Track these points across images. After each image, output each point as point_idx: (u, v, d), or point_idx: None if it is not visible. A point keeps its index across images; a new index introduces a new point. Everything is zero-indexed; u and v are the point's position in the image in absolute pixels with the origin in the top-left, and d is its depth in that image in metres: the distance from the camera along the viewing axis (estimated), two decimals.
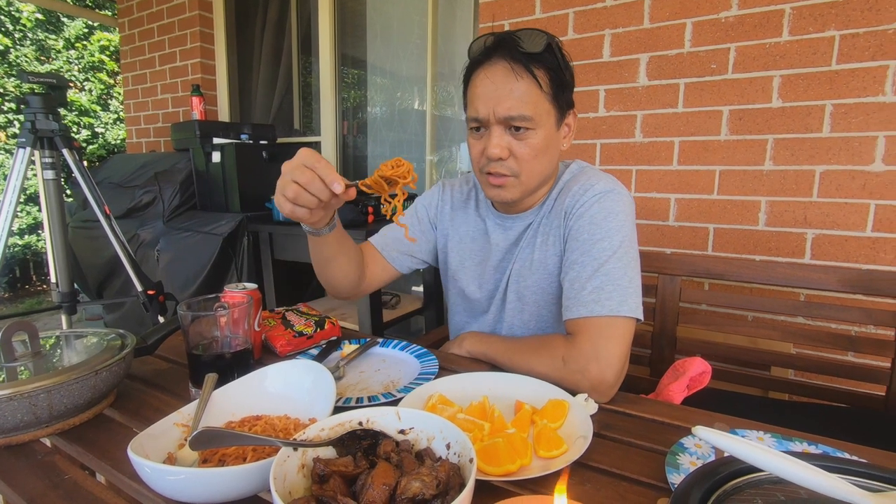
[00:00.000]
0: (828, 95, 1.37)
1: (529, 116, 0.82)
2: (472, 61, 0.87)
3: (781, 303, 1.24)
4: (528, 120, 0.82)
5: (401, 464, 0.49)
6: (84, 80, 5.38)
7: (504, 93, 0.81)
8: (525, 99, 0.81)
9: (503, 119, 0.82)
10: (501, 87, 0.82)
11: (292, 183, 0.67)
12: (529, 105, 0.82)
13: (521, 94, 0.81)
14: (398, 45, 2.57)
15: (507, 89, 0.81)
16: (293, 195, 0.67)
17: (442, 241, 1.08)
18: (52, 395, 0.63)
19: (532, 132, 0.83)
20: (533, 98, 0.82)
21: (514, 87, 0.81)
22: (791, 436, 0.62)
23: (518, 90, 0.81)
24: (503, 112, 0.82)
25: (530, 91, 0.81)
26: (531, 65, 0.81)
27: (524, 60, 0.81)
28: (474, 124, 0.87)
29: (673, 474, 0.54)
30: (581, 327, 0.79)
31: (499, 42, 0.83)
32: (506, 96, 0.81)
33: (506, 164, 0.85)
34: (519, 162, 0.85)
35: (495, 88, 0.82)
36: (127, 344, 0.76)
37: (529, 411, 0.66)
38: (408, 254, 1.07)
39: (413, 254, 1.08)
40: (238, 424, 0.62)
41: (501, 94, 0.81)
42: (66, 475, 0.57)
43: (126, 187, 2.43)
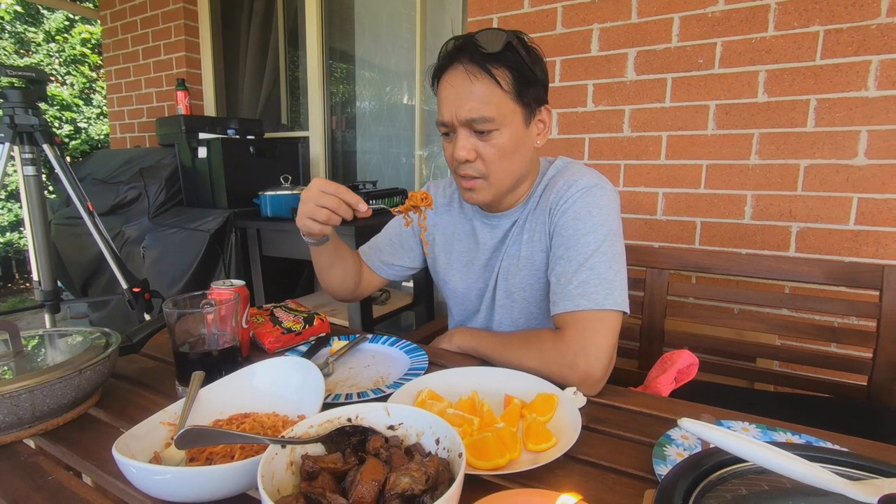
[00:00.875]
0: (812, 90, 1.39)
1: (491, 118, 0.81)
2: (437, 66, 0.88)
3: (767, 295, 1.25)
4: (491, 121, 0.82)
5: (390, 459, 0.49)
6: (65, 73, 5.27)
7: (464, 96, 0.82)
8: (485, 100, 0.81)
9: (465, 122, 0.83)
10: (461, 91, 0.82)
11: (321, 209, 0.80)
12: (490, 106, 0.81)
13: (480, 96, 0.81)
14: (387, 39, 2.55)
15: (466, 92, 0.81)
16: (325, 219, 0.80)
17: (432, 242, 1.08)
18: (35, 396, 0.62)
19: (497, 133, 0.83)
20: (494, 99, 0.81)
21: (473, 89, 0.81)
22: (775, 426, 0.63)
23: (477, 92, 0.81)
24: (465, 115, 0.82)
25: (490, 92, 0.81)
26: (490, 65, 0.81)
27: (482, 61, 0.81)
28: (443, 129, 0.87)
29: (660, 465, 0.55)
30: (568, 321, 0.79)
31: (459, 46, 0.83)
32: (466, 99, 0.81)
33: (473, 166, 0.86)
34: (486, 163, 0.85)
35: (456, 92, 0.82)
36: (112, 342, 0.75)
37: (518, 405, 0.67)
38: (389, 263, 1.09)
39: (395, 263, 1.09)
40: (226, 422, 0.62)
41: (462, 98, 0.82)
42: (50, 476, 0.56)
43: (110, 183, 2.39)
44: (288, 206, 1.93)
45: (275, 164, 2.31)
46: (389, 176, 2.61)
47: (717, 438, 0.36)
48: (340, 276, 1.02)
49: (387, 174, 2.62)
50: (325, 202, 0.79)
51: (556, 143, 1.80)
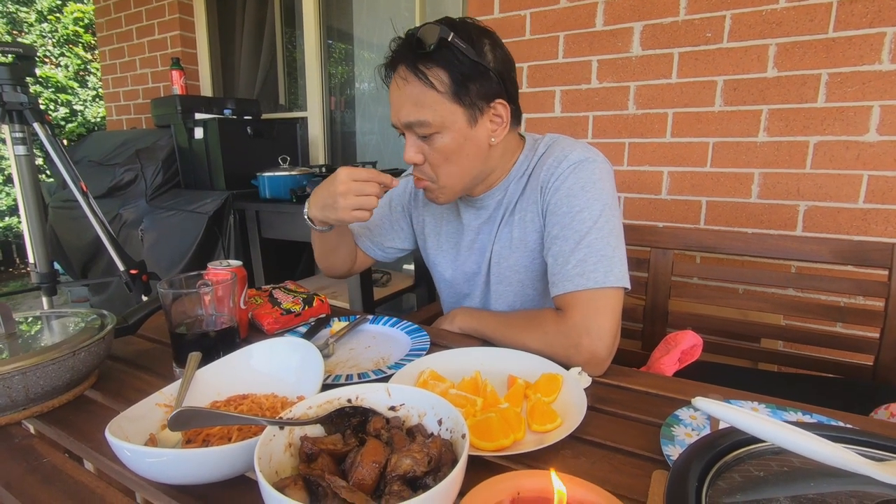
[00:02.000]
0: (824, 64, 1.35)
1: (427, 121, 0.78)
2: (384, 66, 0.85)
3: (772, 275, 1.24)
4: (427, 125, 0.79)
5: (391, 441, 0.48)
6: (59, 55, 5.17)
7: (401, 101, 0.80)
8: (420, 104, 0.78)
9: (406, 126, 0.81)
10: (398, 95, 0.80)
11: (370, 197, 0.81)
12: (425, 109, 0.78)
13: (414, 100, 0.78)
14: (385, 18, 2.48)
15: (402, 97, 0.79)
16: (367, 205, 0.82)
17: (419, 226, 1.06)
18: (28, 377, 0.60)
19: (438, 136, 0.80)
20: (428, 101, 0.78)
21: (406, 93, 0.79)
22: (785, 405, 0.62)
23: (411, 96, 0.78)
24: (403, 119, 0.81)
25: (423, 95, 0.77)
26: (424, 65, 0.77)
27: (415, 63, 0.77)
28: (398, 131, 0.86)
29: (668, 446, 0.53)
30: (569, 302, 0.77)
31: (398, 47, 0.81)
32: (403, 103, 0.80)
33: (421, 170, 0.85)
34: (433, 167, 0.84)
35: (396, 96, 0.81)
36: (107, 324, 0.73)
37: (522, 386, 0.65)
38: (380, 245, 1.08)
39: (386, 244, 1.08)
40: (223, 404, 0.61)
41: (400, 103, 0.80)
42: (45, 458, 0.55)
43: (106, 165, 2.36)
44: (287, 187, 1.90)
45: (273, 145, 2.28)
46: (389, 156, 2.57)
47: (733, 417, 0.34)
48: (342, 258, 1.03)
49: (386, 155, 2.59)
50: (369, 189, 0.80)
51: (558, 122, 1.76)
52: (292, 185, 1.89)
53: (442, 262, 1.02)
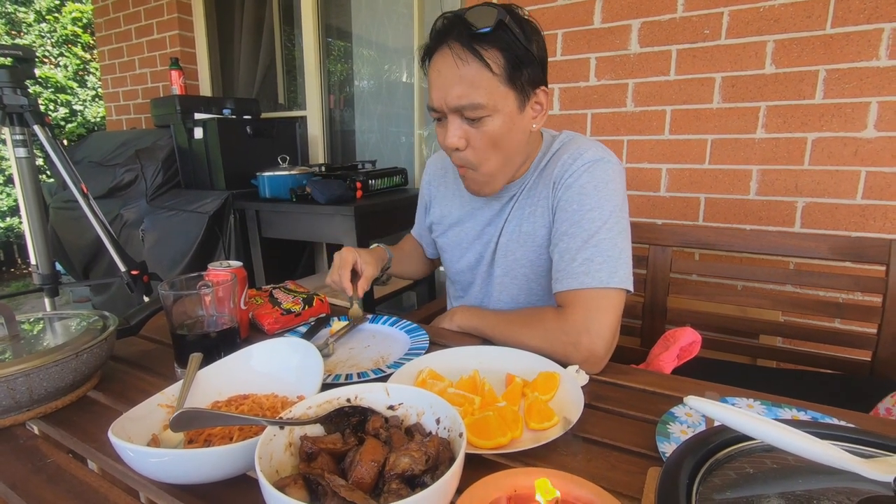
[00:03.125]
0: (822, 60, 1.35)
1: (481, 104, 0.77)
2: (427, 48, 0.82)
3: (771, 271, 1.24)
4: (481, 108, 0.77)
5: (390, 440, 0.48)
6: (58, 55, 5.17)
7: (452, 81, 0.77)
8: (475, 85, 0.76)
9: (454, 109, 0.79)
10: (449, 76, 0.77)
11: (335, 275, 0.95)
12: (480, 91, 0.76)
13: (470, 81, 0.76)
14: (384, 15, 2.48)
15: (455, 77, 0.76)
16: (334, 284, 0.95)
17: (431, 217, 1.09)
18: (32, 379, 0.61)
19: (488, 119, 0.78)
20: (483, 83, 0.76)
21: (461, 74, 0.76)
22: (780, 402, 0.62)
23: (466, 77, 0.76)
24: (453, 101, 0.78)
25: (479, 76, 0.76)
26: (480, 46, 0.75)
27: (471, 43, 0.75)
28: (434, 114, 0.83)
29: (663, 443, 0.54)
30: (571, 299, 0.78)
31: (447, 25, 0.78)
32: (454, 84, 0.77)
33: (463, 156, 0.83)
34: (475, 152, 0.82)
35: (445, 76, 0.78)
36: (109, 325, 0.74)
37: (520, 384, 0.66)
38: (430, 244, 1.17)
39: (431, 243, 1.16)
40: (225, 404, 0.61)
41: (450, 83, 0.77)
42: (49, 459, 0.55)
43: (107, 166, 2.37)
44: (286, 186, 1.91)
45: (273, 145, 2.28)
46: (389, 155, 2.58)
47: (723, 416, 0.35)
48: (412, 275, 1.20)
49: (386, 153, 2.59)
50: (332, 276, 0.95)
51: (557, 119, 1.76)
52: (292, 184, 1.90)
53: (448, 249, 1.05)
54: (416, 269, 1.20)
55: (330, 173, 1.98)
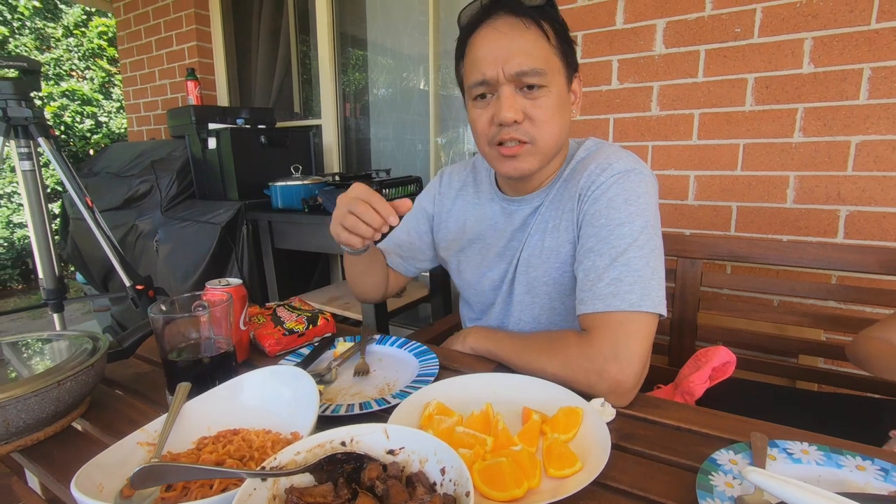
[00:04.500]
0: (866, 58, 1.25)
1: (543, 70, 0.73)
2: (467, 25, 0.78)
3: (811, 286, 1.15)
4: (542, 75, 0.73)
5: (387, 494, 0.42)
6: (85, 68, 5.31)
7: (514, 47, 0.73)
8: (536, 53, 0.73)
9: (514, 76, 0.73)
10: (510, 41, 0.73)
11: (350, 214, 0.73)
12: (541, 59, 0.73)
13: (531, 48, 0.73)
14: (399, 22, 2.45)
15: (516, 43, 0.73)
16: (351, 225, 0.74)
17: (442, 233, 1.00)
18: (8, 411, 0.57)
19: (546, 90, 0.74)
20: (544, 52, 0.74)
21: (524, 39, 0.73)
22: (840, 448, 0.54)
23: (528, 43, 0.73)
24: (514, 68, 0.73)
25: (540, 44, 0.73)
26: (537, 16, 0.73)
27: (529, 12, 0.73)
28: (479, 90, 0.77)
29: (706, 499, 0.46)
30: (597, 323, 0.70)
31: (494, 2, 0.75)
32: (516, 51, 0.72)
33: (521, 129, 0.76)
34: (535, 124, 0.76)
35: (502, 44, 0.73)
36: (99, 348, 0.69)
37: (538, 422, 0.59)
38: (410, 258, 1.04)
39: (415, 257, 1.04)
40: (212, 441, 0.56)
41: (511, 49, 0.73)
42: (20, 502, 0.51)
43: (123, 177, 2.38)
44: (298, 196, 1.87)
45: (287, 154, 2.26)
46: (404, 163, 2.53)
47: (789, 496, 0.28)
48: (373, 282, 0.99)
49: (402, 162, 2.54)
50: (355, 208, 0.72)
51: (577, 125, 1.69)
52: (304, 194, 1.86)
53: (466, 269, 0.96)
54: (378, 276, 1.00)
55: (343, 182, 1.94)
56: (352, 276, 0.99)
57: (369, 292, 1.02)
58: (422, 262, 1.05)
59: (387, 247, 1.04)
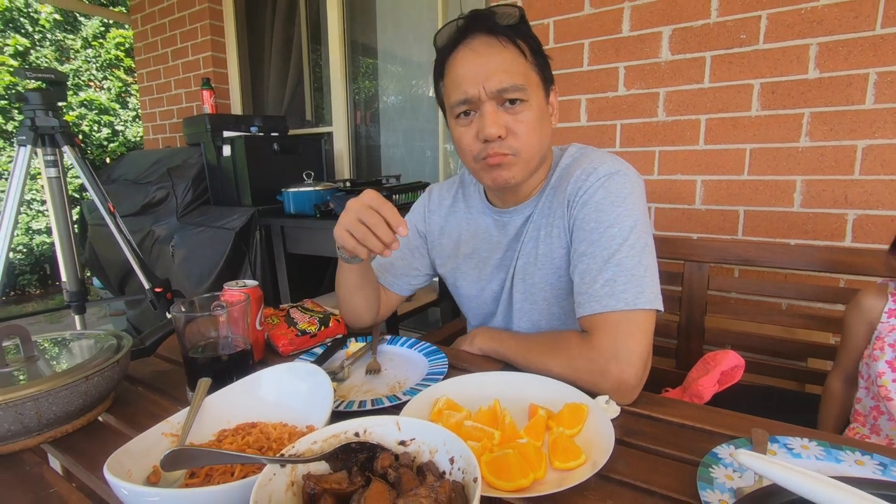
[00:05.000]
0: (872, 63, 1.26)
1: (523, 86, 0.76)
2: (445, 46, 0.81)
3: (819, 290, 1.15)
4: (523, 90, 0.76)
5: (399, 481, 0.44)
6: (102, 78, 5.45)
7: (493, 65, 0.75)
8: (515, 69, 0.76)
9: (495, 93, 0.76)
10: (489, 60, 0.76)
11: (360, 224, 0.71)
12: (520, 75, 0.76)
13: (510, 65, 0.76)
14: (409, 31, 2.50)
15: (495, 61, 0.76)
16: (361, 236, 0.72)
17: (438, 250, 1.01)
18: (40, 403, 0.60)
19: (526, 104, 0.77)
20: (522, 68, 0.77)
21: (502, 57, 0.76)
22: (840, 444, 0.55)
23: (506, 60, 0.76)
24: (495, 85, 0.75)
25: (517, 60, 0.77)
26: (512, 34, 0.77)
27: (505, 31, 0.77)
28: (462, 108, 0.79)
29: (706, 490, 0.48)
30: (596, 324, 0.72)
31: (473, 18, 0.78)
32: (495, 68, 0.75)
33: (505, 144, 0.78)
34: (518, 138, 0.78)
35: (481, 63, 0.76)
36: (123, 346, 0.73)
37: (544, 417, 0.61)
38: (403, 275, 1.02)
39: (409, 274, 1.02)
40: (232, 433, 0.58)
41: (491, 67, 0.75)
42: (52, 489, 0.54)
43: (140, 184, 2.44)
44: (310, 202, 1.91)
45: (299, 161, 2.30)
46: (414, 170, 2.57)
47: (781, 477, 0.30)
48: (366, 300, 0.93)
49: (411, 168, 2.58)
50: (367, 217, 0.70)
51: (584, 131, 1.71)
52: (315, 200, 1.90)
53: (464, 283, 0.98)
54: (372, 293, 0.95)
55: (354, 188, 1.98)
56: (345, 292, 0.92)
57: (361, 310, 0.94)
58: (416, 278, 1.03)
59: (379, 265, 1.01)
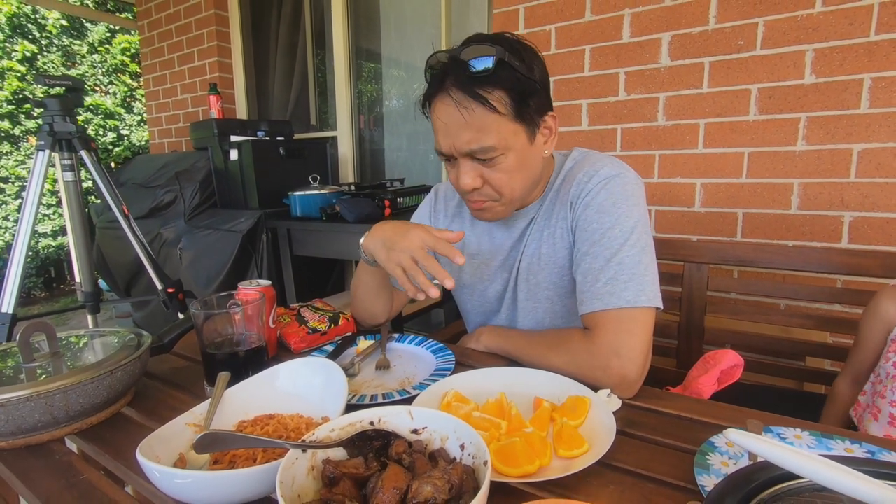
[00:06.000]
0: (866, 68, 1.29)
1: (492, 146, 0.75)
2: (431, 82, 0.80)
3: (817, 290, 1.18)
4: (493, 150, 0.76)
5: (413, 465, 0.47)
6: (108, 83, 5.50)
7: (460, 128, 0.75)
8: (483, 129, 0.74)
9: (465, 154, 0.77)
10: (456, 123, 0.75)
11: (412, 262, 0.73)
12: (490, 134, 0.75)
13: (478, 126, 0.74)
14: (412, 37, 2.54)
15: (462, 124, 0.75)
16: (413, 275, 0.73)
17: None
18: (69, 396, 0.63)
19: (501, 157, 0.77)
20: (493, 126, 0.74)
21: (468, 120, 0.74)
22: (831, 433, 0.58)
23: (473, 122, 0.74)
24: (463, 147, 0.76)
25: (486, 119, 0.74)
26: (482, 89, 0.73)
27: (472, 88, 0.73)
28: (442, 157, 0.82)
29: (702, 475, 0.51)
30: (598, 321, 0.75)
31: (444, 69, 0.76)
32: (462, 130, 0.75)
33: (482, 192, 0.81)
34: (496, 188, 0.80)
35: (453, 119, 0.75)
36: (143, 343, 0.76)
37: (548, 409, 0.64)
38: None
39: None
40: (251, 424, 0.61)
41: (457, 130, 0.75)
42: (82, 475, 0.57)
43: (148, 187, 2.47)
44: (317, 205, 1.95)
45: (304, 164, 2.34)
46: (417, 173, 2.60)
47: (769, 452, 0.32)
48: (384, 300, 0.98)
49: (415, 171, 2.62)
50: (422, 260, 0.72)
51: (585, 135, 1.74)
52: (322, 203, 1.93)
53: (469, 282, 1.01)
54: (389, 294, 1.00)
55: (359, 192, 2.01)
56: (364, 293, 0.97)
57: (378, 309, 0.99)
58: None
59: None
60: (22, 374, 0.67)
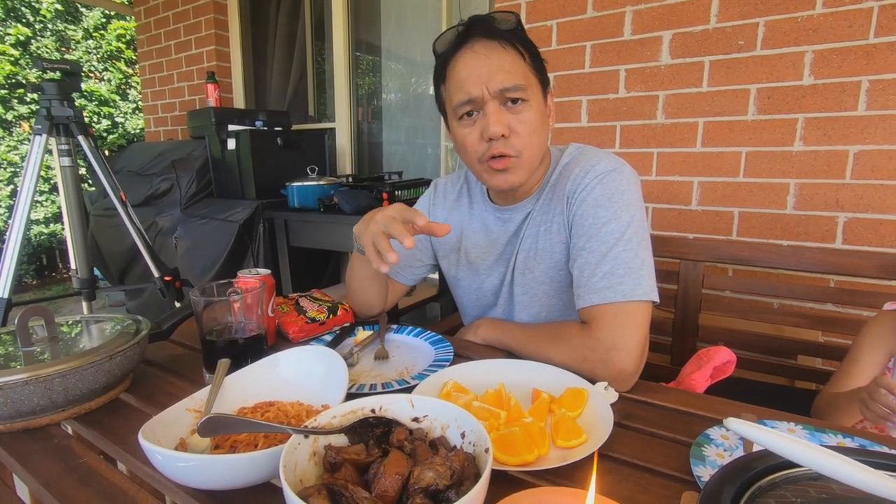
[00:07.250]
0: (864, 71, 1.30)
1: (524, 86, 0.80)
2: (445, 51, 0.85)
3: (810, 289, 1.19)
4: (524, 90, 0.80)
5: (414, 452, 0.48)
6: (103, 69, 5.44)
7: (495, 66, 0.79)
8: (516, 70, 0.80)
9: (498, 93, 0.79)
10: (491, 61, 0.79)
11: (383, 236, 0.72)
12: (521, 76, 0.80)
13: (511, 66, 0.80)
14: (413, 30, 2.52)
15: (497, 63, 0.79)
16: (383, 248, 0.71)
17: (438, 242, 1.04)
18: (68, 380, 0.63)
19: (527, 105, 0.81)
20: (522, 70, 0.81)
21: (503, 59, 0.80)
22: (824, 427, 0.59)
23: (507, 62, 0.80)
24: (498, 85, 0.79)
25: (518, 62, 0.81)
26: (508, 38, 0.81)
27: (504, 34, 0.81)
28: (465, 108, 0.82)
29: (698, 466, 0.52)
30: (595, 315, 0.76)
31: (472, 23, 0.82)
32: (497, 69, 0.79)
33: (508, 143, 0.82)
34: (521, 138, 0.82)
35: (483, 64, 0.79)
36: (142, 329, 0.76)
37: (547, 400, 0.64)
38: (408, 266, 1.06)
39: (413, 265, 1.06)
40: (251, 410, 0.62)
41: (493, 68, 0.79)
42: (81, 459, 0.57)
43: (144, 175, 2.46)
44: (314, 197, 1.94)
45: (302, 156, 2.33)
46: (415, 166, 2.60)
47: (768, 440, 0.33)
48: (378, 290, 0.99)
49: (413, 165, 2.61)
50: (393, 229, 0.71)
51: (585, 132, 1.74)
52: (320, 194, 1.93)
53: (465, 276, 1.01)
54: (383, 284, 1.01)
55: (357, 184, 2.01)
56: (358, 283, 0.98)
57: (372, 299, 1.00)
58: (419, 269, 1.07)
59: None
60: (20, 357, 0.66)
